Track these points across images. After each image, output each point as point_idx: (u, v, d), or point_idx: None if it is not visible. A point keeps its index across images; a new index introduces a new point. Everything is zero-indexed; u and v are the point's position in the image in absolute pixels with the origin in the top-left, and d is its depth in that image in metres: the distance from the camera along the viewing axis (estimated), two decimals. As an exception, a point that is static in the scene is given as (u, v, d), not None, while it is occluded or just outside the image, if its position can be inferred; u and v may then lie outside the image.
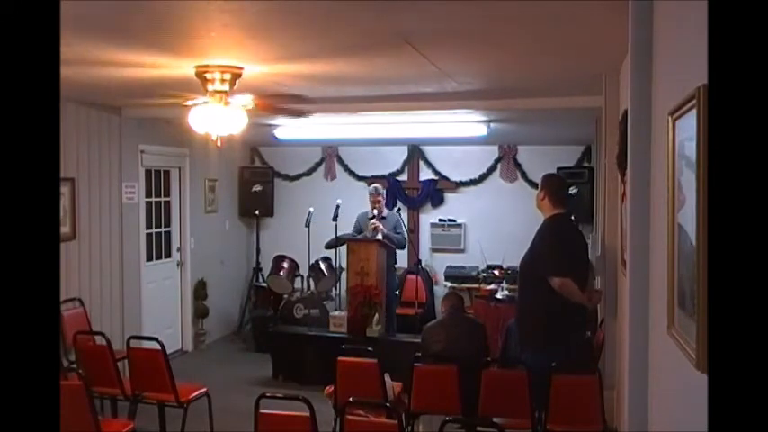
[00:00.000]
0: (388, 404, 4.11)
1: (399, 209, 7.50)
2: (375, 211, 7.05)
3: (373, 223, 6.89)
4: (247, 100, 4.54)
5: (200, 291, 8.10)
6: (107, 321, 6.47)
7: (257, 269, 9.02)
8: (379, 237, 6.79)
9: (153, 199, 7.50)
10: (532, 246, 4.42)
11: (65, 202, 6.01)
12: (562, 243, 4.29)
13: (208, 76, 4.21)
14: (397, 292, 7.82)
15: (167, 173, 7.80)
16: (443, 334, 4.86)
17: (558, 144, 8.31)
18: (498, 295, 6.95)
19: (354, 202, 8.04)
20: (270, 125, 7.48)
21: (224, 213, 8.82)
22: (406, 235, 7.27)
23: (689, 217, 1.57)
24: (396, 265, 7.45)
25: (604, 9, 2.89)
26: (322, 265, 7.74)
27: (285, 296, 8.01)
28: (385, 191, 7.49)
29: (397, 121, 6.87)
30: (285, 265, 8.12)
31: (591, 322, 4.98)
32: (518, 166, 8.62)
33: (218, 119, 4.42)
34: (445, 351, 4.70)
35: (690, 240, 1.56)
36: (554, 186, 4.47)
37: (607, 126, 4.44)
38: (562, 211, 4.42)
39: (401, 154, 8.97)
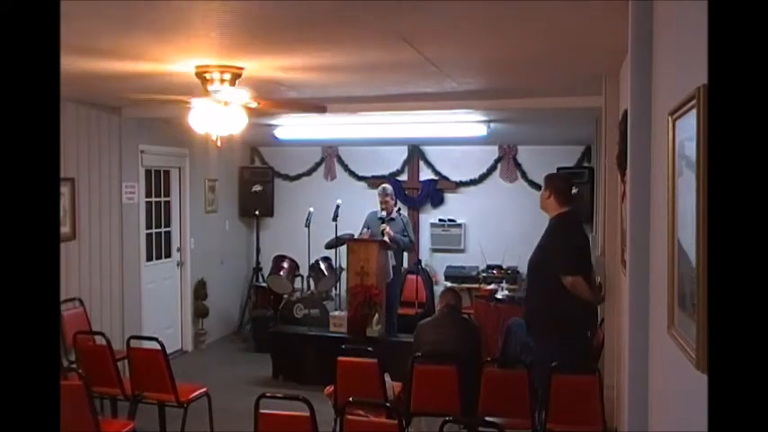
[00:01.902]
0: (388, 404, 4.11)
1: (399, 209, 7.50)
2: (384, 213, 7.05)
3: (383, 227, 6.90)
4: (247, 97, 4.52)
5: (200, 291, 8.10)
6: (107, 321, 6.48)
7: (257, 269, 9.01)
8: (386, 239, 6.79)
9: (153, 199, 7.50)
10: (542, 245, 4.46)
11: (65, 202, 6.01)
12: (572, 242, 4.36)
13: (208, 76, 4.21)
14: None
15: (167, 173, 7.80)
16: (435, 333, 4.83)
17: (557, 144, 8.31)
18: (498, 295, 6.95)
19: (354, 202, 8.05)
20: (270, 125, 7.48)
21: (224, 213, 8.81)
22: (412, 237, 7.26)
23: (688, 218, 1.56)
24: (403, 267, 7.46)
25: (604, 9, 2.89)
26: (322, 265, 7.74)
27: (285, 296, 8.00)
28: (393, 191, 7.41)
29: (397, 121, 6.87)
30: (285, 265, 8.12)
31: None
32: (518, 166, 8.62)
33: (218, 119, 4.42)
34: (434, 350, 4.67)
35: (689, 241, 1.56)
36: (559, 185, 4.55)
37: (607, 126, 4.44)
38: (568, 209, 4.47)
39: (401, 154, 8.96)
